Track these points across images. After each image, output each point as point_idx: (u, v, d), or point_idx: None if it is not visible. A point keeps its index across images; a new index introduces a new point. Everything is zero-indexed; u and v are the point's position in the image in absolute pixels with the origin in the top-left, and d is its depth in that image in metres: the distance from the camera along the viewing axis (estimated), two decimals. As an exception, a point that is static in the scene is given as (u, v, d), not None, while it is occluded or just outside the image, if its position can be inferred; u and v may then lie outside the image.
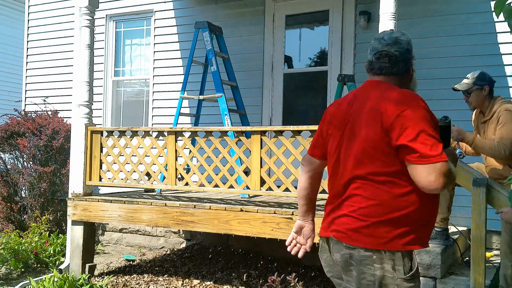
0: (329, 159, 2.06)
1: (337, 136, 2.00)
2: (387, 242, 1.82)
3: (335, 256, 1.97)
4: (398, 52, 1.99)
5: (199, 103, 5.93)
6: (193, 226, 4.28)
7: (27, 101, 7.81)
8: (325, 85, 5.96)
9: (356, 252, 1.86)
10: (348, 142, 1.94)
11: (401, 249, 1.82)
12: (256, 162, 4.10)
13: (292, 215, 3.83)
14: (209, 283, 4.69)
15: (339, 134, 2.00)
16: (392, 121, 1.79)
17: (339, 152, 1.98)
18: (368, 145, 1.85)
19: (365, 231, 1.84)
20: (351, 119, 1.95)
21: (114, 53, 7.26)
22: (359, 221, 1.86)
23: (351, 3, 5.79)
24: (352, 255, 1.88)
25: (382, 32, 2.13)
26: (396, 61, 2.00)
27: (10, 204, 6.58)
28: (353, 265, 1.89)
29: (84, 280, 4.44)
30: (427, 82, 5.19)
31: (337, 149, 1.99)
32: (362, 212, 1.85)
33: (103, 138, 4.87)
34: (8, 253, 5.21)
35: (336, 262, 1.98)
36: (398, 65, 2.00)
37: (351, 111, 1.98)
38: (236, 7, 6.40)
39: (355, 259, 1.87)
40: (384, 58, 2.00)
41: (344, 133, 1.97)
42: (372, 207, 1.84)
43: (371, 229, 1.83)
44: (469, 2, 5.21)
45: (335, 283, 2.08)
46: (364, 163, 1.86)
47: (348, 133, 1.96)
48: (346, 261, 1.91)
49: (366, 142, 1.86)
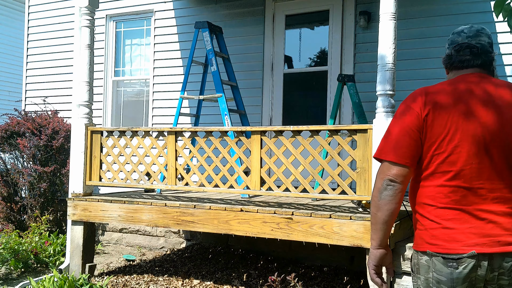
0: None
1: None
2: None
3: (498, 270, 1.79)
4: (479, 44, 1.96)
5: (199, 103, 5.93)
6: (193, 226, 4.28)
7: (27, 101, 7.81)
8: (325, 85, 5.96)
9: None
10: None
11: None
12: (256, 162, 4.10)
13: (292, 215, 3.83)
14: (209, 283, 4.69)
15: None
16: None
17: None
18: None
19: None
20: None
21: (114, 53, 7.26)
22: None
23: (351, 3, 5.79)
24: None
25: (461, 27, 2.08)
26: (478, 53, 1.96)
27: (10, 204, 6.58)
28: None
29: (84, 280, 4.44)
30: (427, 82, 5.18)
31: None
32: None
33: (103, 138, 4.87)
34: (8, 253, 5.21)
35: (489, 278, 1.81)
36: (480, 57, 1.96)
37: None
38: (236, 7, 6.40)
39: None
40: (465, 50, 1.97)
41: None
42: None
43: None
44: (469, 2, 5.21)
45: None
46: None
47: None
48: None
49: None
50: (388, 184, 1.88)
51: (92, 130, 4.90)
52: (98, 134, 4.88)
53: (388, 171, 1.88)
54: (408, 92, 2.16)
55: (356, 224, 3.59)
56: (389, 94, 3.54)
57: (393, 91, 3.55)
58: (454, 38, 2.02)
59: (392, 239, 3.49)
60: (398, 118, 1.92)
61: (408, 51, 5.35)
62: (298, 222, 3.79)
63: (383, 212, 1.90)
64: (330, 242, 3.69)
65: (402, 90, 5.12)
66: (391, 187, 1.88)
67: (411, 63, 5.36)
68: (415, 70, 5.34)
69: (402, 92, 5.12)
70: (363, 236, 3.56)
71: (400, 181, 1.87)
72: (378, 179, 1.91)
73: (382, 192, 1.89)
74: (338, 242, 3.66)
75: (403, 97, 2.05)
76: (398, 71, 4.91)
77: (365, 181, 3.65)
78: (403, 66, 5.28)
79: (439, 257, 1.81)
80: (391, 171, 1.88)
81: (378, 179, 1.92)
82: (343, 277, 4.77)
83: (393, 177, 1.87)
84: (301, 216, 3.80)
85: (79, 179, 4.89)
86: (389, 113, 3.54)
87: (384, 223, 1.92)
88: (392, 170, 1.88)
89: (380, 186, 1.90)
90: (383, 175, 1.90)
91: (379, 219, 1.92)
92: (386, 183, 1.88)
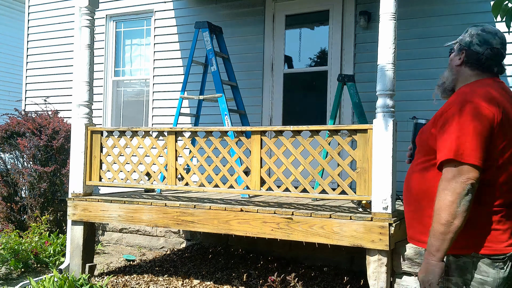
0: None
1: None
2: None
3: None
4: (504, 56, 2.02)
5: (199, 103, 5.93)
6: (193, 226, 4.28)
7: (27, 101, 7.81)
8: (325, 85, 5.96)
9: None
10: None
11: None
12: (256, 162, 4.10)
13: (292, 215, 3.83)
14: (209, 283, 4.69)
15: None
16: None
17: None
18: None
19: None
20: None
21: (114, 53, 7.26)
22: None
23: (351, 3, 5.79)
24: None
25: (491, 27, 2.06)
26: (501, 62, 2.02)
27: (10, 204, 6.58)
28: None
29: (84, 280, 4.44)
30: (427, 82, 5.19)
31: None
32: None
33: (103, 138, 4.87)
34: (8, 253, 5.21)
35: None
36: (500, 65, 2.03)
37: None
38: (236, 7, 6.40)
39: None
40: (498, 57, 2.00)
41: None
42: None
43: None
44: (469, 2, 5.21)
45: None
46: None
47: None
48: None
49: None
50: (469, 189, 1.77)
51: (92, 130, 4.90)
52: (98, 134, 4.88)
53: (468, 173, 1.77)
54: (408, 92, 2.17)
55: (356, 224, 3.59)
56: (389, 94, 3.54)
57: (393, 91, 3.55)
58: (488, 38, 2.00)
59: (392, 239, 3.50)
60: (470, 119, 1.82)
61: (408, 51, 5.35)
62: (298, 222, 3.79)
63: (462, 220, 1.77)
64: (330, 242, 3.69)
65: (402, 90, 5.12)
66: (472, 193, 1.77)
67: (411, 63, 5.36)
68: (415, 70, 5.34)
69: (402, 92, 5.14)
70: (363, 236, 3.56)
71: (476, 186, 1.80)
72: (457, 183, 1.78)
73: (463, 198, 1.76)
74: (338, 242, 3.66)
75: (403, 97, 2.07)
76: (398, 71, 4.90)
77: (365, 181, 3.65)
78: (403, 66, 5.28)
79: (485, 258, 1.81)
80: (472, 173, 1.77)
81: (456, 183, 1.78)
82: (343, 277, 4.77)
83: (475, 180, 1.77)
84: (301, 216, 3.80)
85: (79, 179, 4.89)
86: (389, 113, 3.54)
87: (457, 232, 1.78)
88: (473, 173, 1.77)
89: (462, 191, 1.76)
90: (464, 178, 1.77)
91: (455, 227, 1.77)
92: (468, 188, 1.77)
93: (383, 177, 3.51)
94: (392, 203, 3.53)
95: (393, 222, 3.48)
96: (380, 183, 3.52)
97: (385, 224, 3.48)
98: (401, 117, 4.26)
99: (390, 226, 3.47)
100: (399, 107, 4.58)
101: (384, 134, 3.51)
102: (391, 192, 3.51)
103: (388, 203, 3.51)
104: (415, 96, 5.22)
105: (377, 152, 3.54)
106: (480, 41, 1.99)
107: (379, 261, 3.52)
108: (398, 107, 4.11)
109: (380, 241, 3.49)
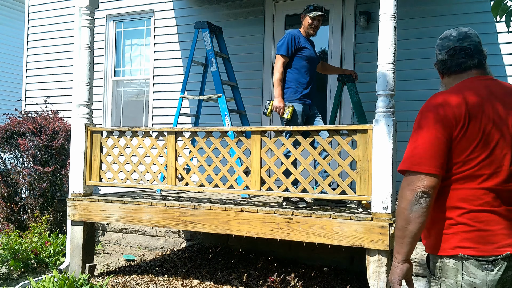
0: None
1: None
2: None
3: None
4: (471, 45, 1.98)
5: (199, 103, 5.93)
6: (193, 226, 4.28)
7: (27, 101, 7.82)
8: (325, 85, 5.96)
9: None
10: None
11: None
12: (256, 162, 4.10)
13: (292, 215, 3.83)
14: (209, 283, 4.69)
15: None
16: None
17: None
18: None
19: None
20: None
21: (114, 53, 7.26)
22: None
23: (351, 3, 5.79)
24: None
25: (447, 31, 2.08)
26: (472, 54, 1.98)
27: (10, 204, 6.58)
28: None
29: (84, 280, 4.44)
30: (427, 82, 5.19)
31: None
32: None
33: (103, 138, 4.87)
34: (8, 253, 5.21)
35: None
36: (475, 57, 1.98)
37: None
38: (236, 7, 6.40)
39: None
40: (459, 53, 1.98)
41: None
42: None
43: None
44: (469, 2, 5.21)
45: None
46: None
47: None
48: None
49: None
50: (421, 197, 1.81)
51: (92, 130, 4.90)
52: (98, 134, 4.88)
53: (419, 182, 1.81)
54: (408, 92, 2.17)
55: (356, 224, 3.59)
56: (389, 94, 3.54)
57: (393, 91, 3.55)
58: (444, 44, 2.02)
59: (392, 239, 3.49)
60: (428, 125, 1.86)
61: (408, 51, 5.35)
62: (298, 222, 3.79)
63: (416, 226, 1.83)
64: (330, 242, 3.69)
65: (402, 90, 5.13)
66: (424, 199, 1.81)
67: (411, 63, 5.36)
68: (415, 70, 5.34)
69: (402, 92, 5.15)
70: (363, 236, 3.56)
71: (432, 193, 1.82)
72: (409, 191, 1.83)
73: (414, 205, 1.81)
74: (338, 242, 3.66)
75: (403, 97, 2.06)
76: (398, 71, 4.91)
77: (365, 181, 3.65)
78: (403, 66, 5.28)
79: (473, 259, 1.81)
80: (425, 181, 1.81)
81: (408, 191, 1.83)
82: (343, 277, 4.77)
83: (426, 188, 1.81)
84: (301, 216, 3.80)
85: (79, 179, 4.89)
86: (389, 113, 3.53)
87: (413, 237, 1.84)
88: (426, 181, 1.81)
89: (412, 199, 1.82)
90: (414, 187, 1.82)
91: (410, 232, 1.84)
92: (419, 196, 1.81)
93: (383, 177, 3.51)
94: (392, 203, 3.53)
95: (393, 222, 3.48)
96: (380, 183, 3.52)
97: (385, 224, 3.48)
98: (401, 117, 4.27)
99: (390, 226, 3.47)
100: (399, 107, 4.59)
101: (384, 134, 3.51)
102: (391, 192, 3.51)
103: (388, 203, 3.51)
104: (415, 96, 5.22)
105: (377, 152, 3.54)
106: (440, 50, 2.04)
107: (379, 261, 3.52)
108: (398, 107, 4.12)
109: (380, 241, 3.49)
